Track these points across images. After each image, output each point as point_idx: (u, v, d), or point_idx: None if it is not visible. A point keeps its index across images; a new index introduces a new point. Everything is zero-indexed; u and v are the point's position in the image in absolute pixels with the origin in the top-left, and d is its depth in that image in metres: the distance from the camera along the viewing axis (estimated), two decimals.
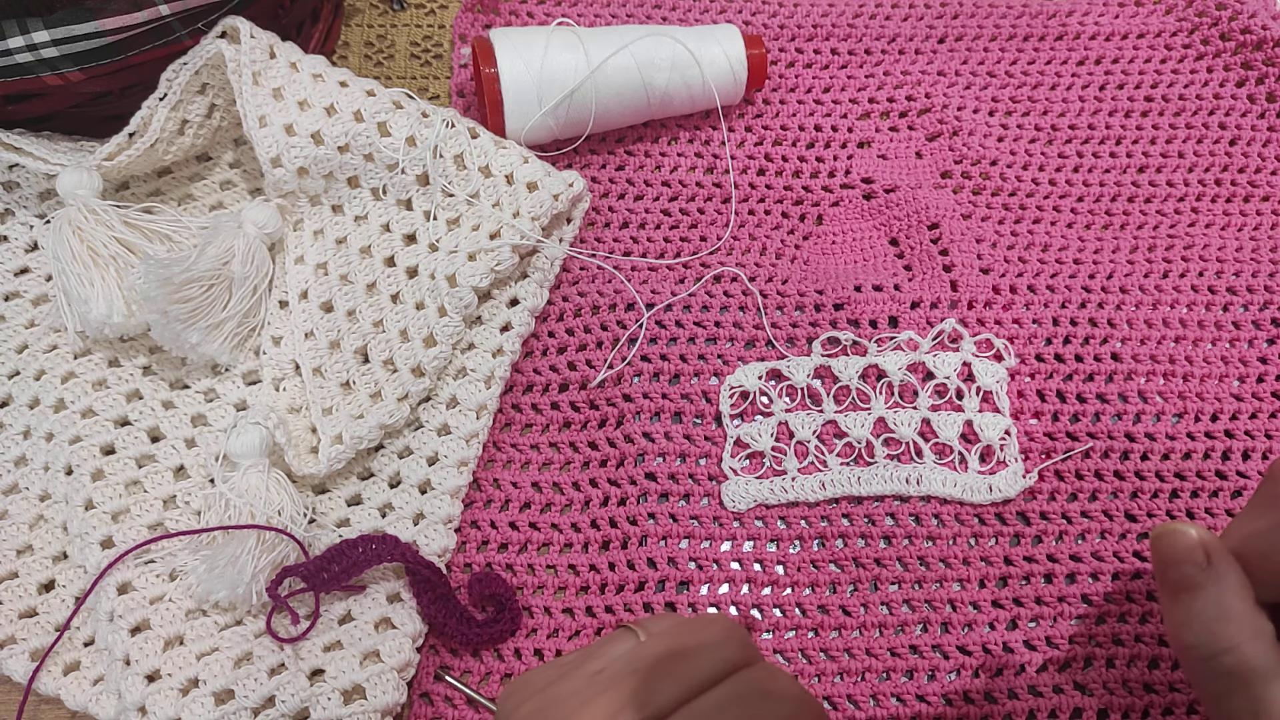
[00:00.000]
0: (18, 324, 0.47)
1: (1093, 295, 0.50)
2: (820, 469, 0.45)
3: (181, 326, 0.43)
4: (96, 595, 0.40)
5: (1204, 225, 0.53)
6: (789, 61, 0.57)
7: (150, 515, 0.42)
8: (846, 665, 0.41)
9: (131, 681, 0.38)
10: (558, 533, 0.44)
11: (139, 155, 0.46)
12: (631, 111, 0.52)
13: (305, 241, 0.48)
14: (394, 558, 0.40)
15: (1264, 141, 0.55)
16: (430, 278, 0.46)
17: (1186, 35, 0.58)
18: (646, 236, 0.52)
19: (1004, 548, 0.44)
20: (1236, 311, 0.50)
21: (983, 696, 0.41)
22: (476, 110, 0.54)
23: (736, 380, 0.47)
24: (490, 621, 0.41)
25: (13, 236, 0.49)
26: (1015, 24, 0.59)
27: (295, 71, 0.46)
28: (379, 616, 0.40)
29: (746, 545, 0.44)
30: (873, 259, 0.52)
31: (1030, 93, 0.56)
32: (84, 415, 0.44)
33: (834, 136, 0.55)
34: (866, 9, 0.59)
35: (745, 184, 0.53)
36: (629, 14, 0.58)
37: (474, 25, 0.58)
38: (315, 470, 0.43)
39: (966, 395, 0.46)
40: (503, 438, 0.46)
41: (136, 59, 0.44)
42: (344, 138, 0.46)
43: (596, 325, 0.48)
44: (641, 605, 0.42)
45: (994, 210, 0.53)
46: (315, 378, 0.45)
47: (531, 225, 0.46)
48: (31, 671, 0.40)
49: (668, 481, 0.45)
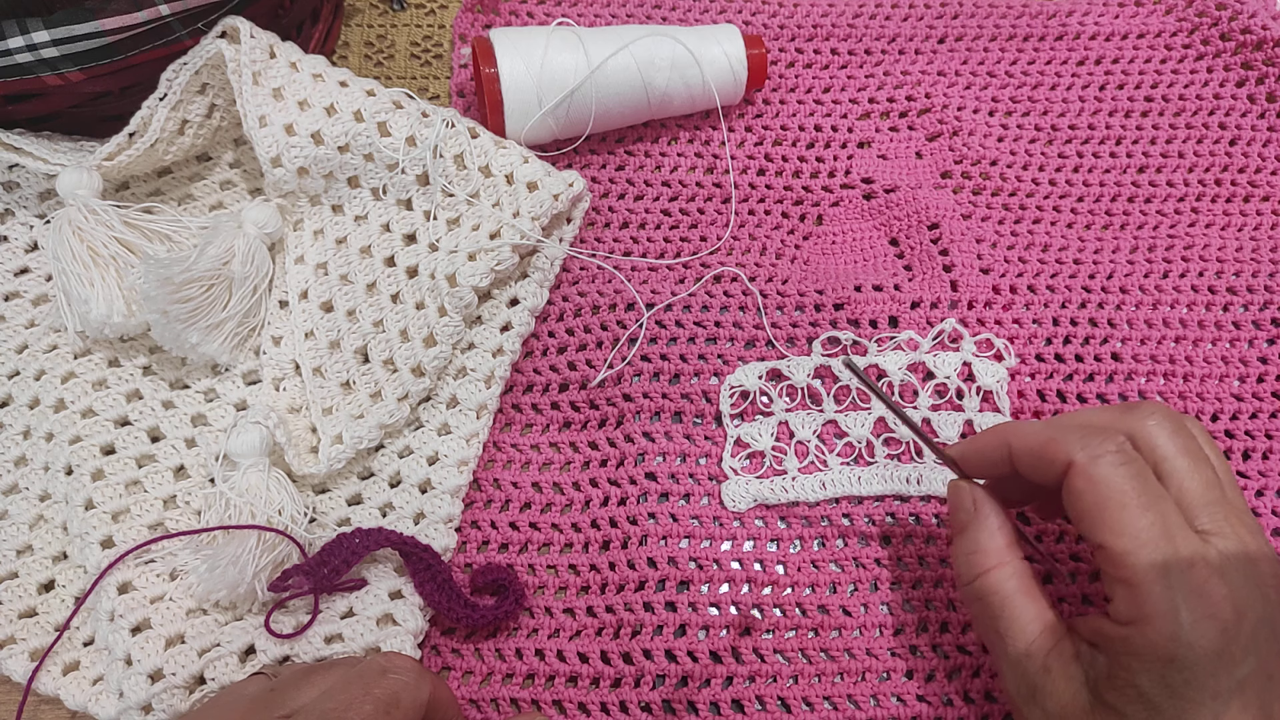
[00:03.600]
0: (18, 324, 0.47)
1: (1093, 295, 0.50)
2: (820, 469, 0.45)
3: (181, 326, 0.43)
4: (97, 595, 0.40)
5: (1204, 225, 0.53)
6: (789, 61, 0.57)
7: (150, 515, 0.42)
8: (846, 665, 0.41)
9: (134, 681, 0.38)
10: (558, 533, 0.44)
11: (139, 155, 0.46)
12: (631, 111, 0.52)
13: (305, 241, 0.48)
14: (389, 544, 0.40)
15: (1264, 141, 0.55)
16: (430, 277, 0.46)
17: (1186, 35, 0.58)
18: (646, 236, 0.52)
19: None
20: (1236, 311, 0.50)
21: (983, 696, 0.41)
22: (476, 110, 0.54)
23: (736, 380, 0.47)
24: (495, 604, 0.41)
25: (13, 236, 0.49)
26: (1015, 24, 0.59)
27: (295, 71, 0.46)
28: (381, 613, 0.40)
29: (746, 545, 0.44)
30: (873, 259, 0.52)
31: (1030, 93, 0.56)
32: (84, 415, 0.44)
33: (834, 136, 0.55)
34: (866, 9, 0.59)
35: (745, 184, 0.53)
36: (629, 14, 0.58)
37: (474, 25, 0.58)
38: (315, 470, 0.43)
39: (967, 395, 0.46)
40: (503, 438, 0.46)
41: (136, 59, 0.44)
42: (344, 138, 0.46)
43: (596, 325, 0.48)
44: (641, 605, 0.42)
45: (994, 210, 0.53)
46: (315, 377, 0.45)
47: (531, 225, 0.46)
48: (31, 671, 0.40)
49: (668, 481, 0.45)
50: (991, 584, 0.35)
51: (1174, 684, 0.30)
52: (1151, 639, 0.31)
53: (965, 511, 0.37)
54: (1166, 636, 0.30)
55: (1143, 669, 0.31)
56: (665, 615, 0.42)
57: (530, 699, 0.41)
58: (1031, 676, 0.34)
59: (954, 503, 0.38)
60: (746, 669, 0.41)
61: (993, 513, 0.36)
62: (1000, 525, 0.36)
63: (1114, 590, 0.32)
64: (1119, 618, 0.32)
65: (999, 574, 0.35)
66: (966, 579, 0.36)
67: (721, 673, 0.41)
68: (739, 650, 0.41)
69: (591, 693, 0.41)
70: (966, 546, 0.36)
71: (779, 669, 0.41)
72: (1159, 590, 0.31)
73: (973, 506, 0.37)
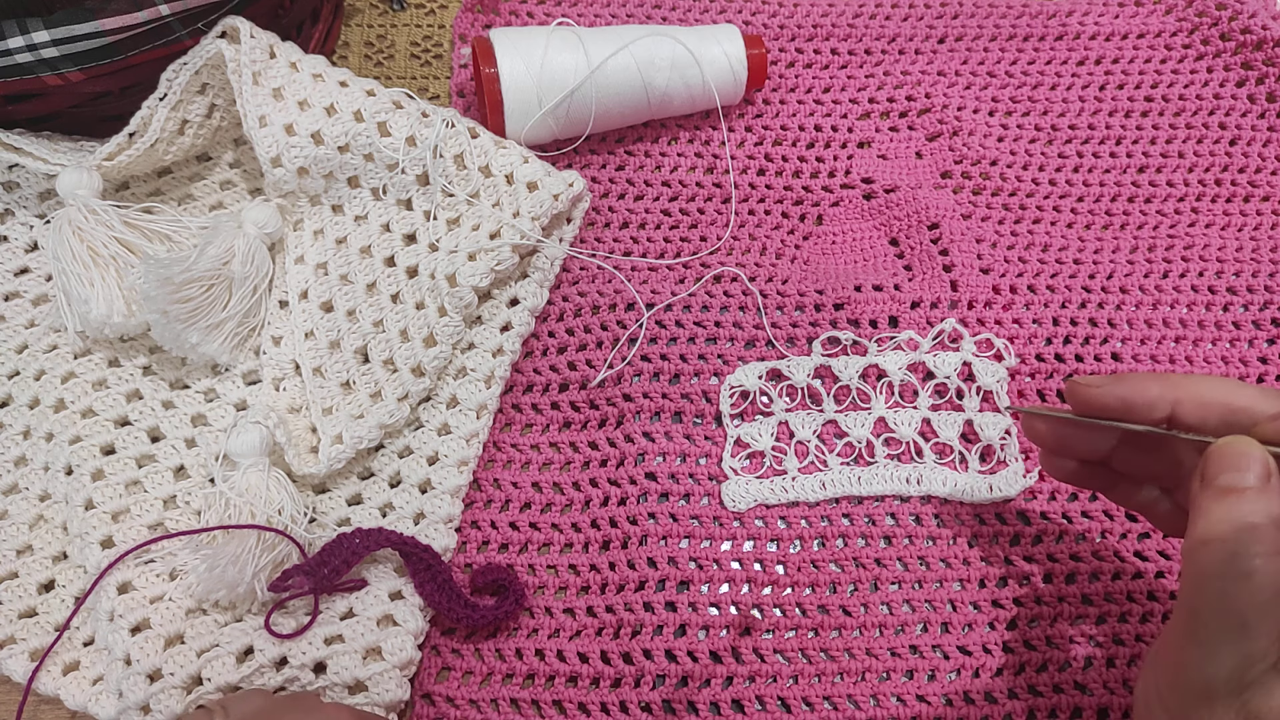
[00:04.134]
0: (18, 324, 0.47)
1: (1093, 295, 0.50)
2: (820, 469, 0.45)
3: (181, 326, 0.43)
4: (96, 595, 0.40)
5: (1204, 225, 0.53)
6: (789, 61, 0.57)
7: (150, 515, 0.42)
8: (846, 665, 0.41)
9: (133, 681, 0.38)
10: (558, 533, 0.44)
11: (139, 155, 0.46)
12: (631, 111, 0.52)
13: (305, 241, 0.48)
14: (389, 544, 0.40)
15: (1264, 141, 0.55)
16: (430, 277, 0.46)
17: (1186, 35, 0.58)
18: (646, 236, 0.52)
19: (1004, 548, 0.44)
20: (1236, 311, 0.50)
21: (983, 696, 0.41)
22: (476, 110, 0.54)
23: (736, 380, 0.47)
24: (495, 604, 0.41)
25: (13, 236, 0.49)
26: (1015, 24, 0.59)
27: (295, 71, 0.46)
28: (381, 613, 0.40)
29: (746, 545, 0.44)
30: (873, 259, 0.52)
31: (1030, 93, 0.56)
32: (84, 415, 0.44)
33: (834, 136, 0.55)
34: (866, 9, 0.59)
35: (745, 184, 0.53)
36: (629, 14, 0.58)
37: (474, 25, 0.58)
38: (315, 470, 0.43)
39: (967, 395, 0.46)
40: (503, 438, 0.46)
41: (136, 59, 0.44)
42: (344, 138, 0.46)
43: (596, 325, 0.48)
44: (641, 605, 0.42)
45: (994, 210, 0.53)
46: (315, 377, 0.45)
47: (531, 225, 0.46)
48: (31, 671, 0.40)
49: (668, 481, 0.45)
50: (1270, 568, 0.30)
51: None
52: None
53: (1257, 476, 0.31)
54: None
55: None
56: (665, 615, 0.42)
57: (530, 699, 0.41)
58: (1254, 677, 0.30)
59: (1236, 460, 0.31)
60: (746, 669, 0.41)
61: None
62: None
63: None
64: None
65: (1276, 561, 0.30)
66: (1241, 550, 0.30)
67: (721, 673, 0.41)
68: (739, 650, 0.41)
69: (591, 693, 0.41)
70: (1255, 515, 0.30)
71: (779, 669, 0.41)
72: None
73: (1266, 473, 0.31)
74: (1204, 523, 0.31)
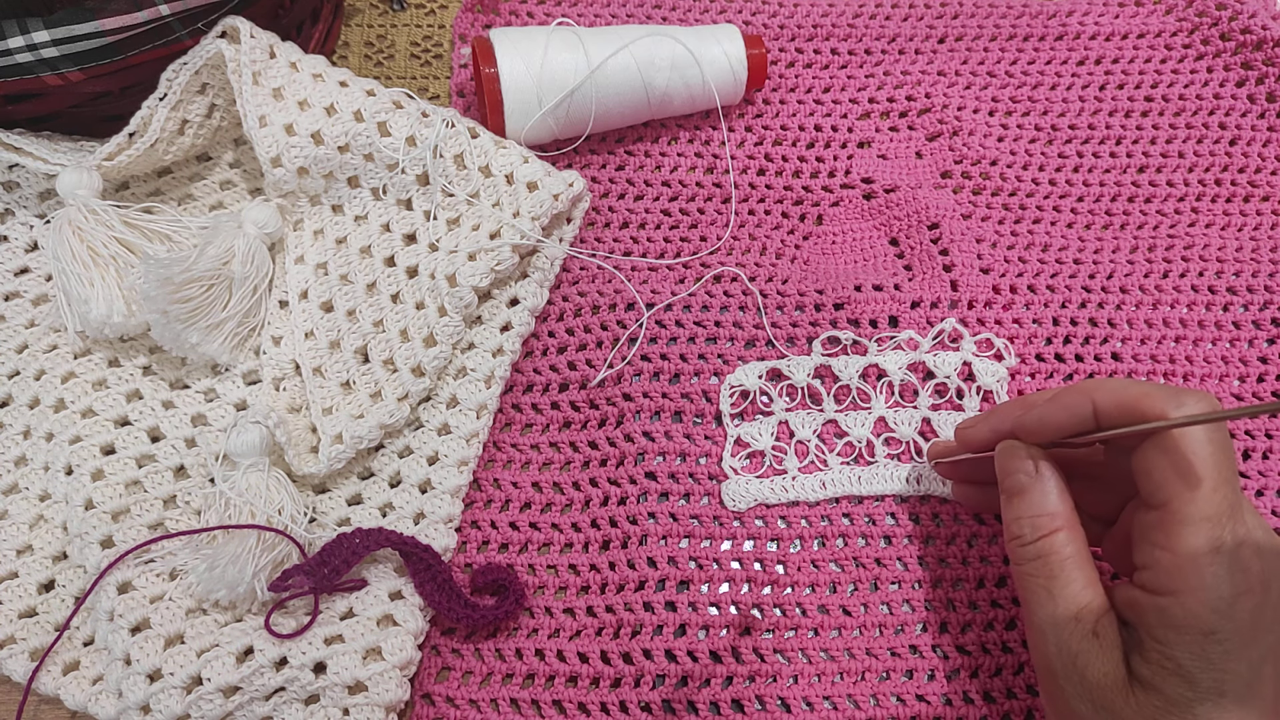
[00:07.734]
0: (18, 324, 0.47)
1: (1093, 295, 0.50)
2: (820, 468, 0.45)
3: (181, 326, 0.43)
4: (96, 595, 0.40)
5: (1204, 225, 0.53)
6: (789, 61, 0.57)
7: (150, 515, 0.42)
8: (846, 665, 0.41)
9: (133, 681, 0.38)
10: (558, 533, 0.44)
11: (139, 155, 0.46)
12: (631, 111, 0.52)
13: (305, 241, 0.48)
14: (389, 544, 0.40)
15: (1264, 141, 0.55)
16: (430, 277, 0.46)
17: (1186, 35, 0.58)
18: (646, 236, 0.52)
19: (1004, 548, 0.44)
20: (1236, 311, 0.50)
21: (982, 696, 0.41)
22: (476, 110, 0.54)
23: (736, 379, 0.47)
24: (495, 604, 0.41)
25: (13, 236, 0.49)
26: (1015, 24, 0.59)
27: (295, 71, 0.46)
28: (381, 613, 0.40)
29: (746, 545, 0.44)
30: (873, 259, 0.52)
31: (1030, 93, 0.56)
32: (84, 415, 0.44)
33: (834, 136, 0.55)
34: (866, 9, 0.59)
35: (745, 184, 0.53)
36: (629, 14, 0.58)
37: (474, 25, 0.58)
38: (315, 470, 0.43)
39: (967, 395, 0.46)
40: (503, 438, 0.46)
41: (136, 59, 0.44)
42: (344, 137, 0.46)
43: (596, 325, 0.48)
44: (641, 605, 0.42)
45: (994, 210, 0.53)
46: (315, 377, 0.45)
47: (531, 225, 0.46)
48: (31, 671, 0.40)
49: (668, 481, 0.45)
50: (1056, 545, 0.35)
51: (1212, 656, 0.30)
52: (1194, 610, 0.31)
53: (1026, 474, 0.36)
54: (1209, 609, 0.30)
55: (1180, 641, 0.31)
56: (665, 615, 0.42)
57: (530, 699, 0.41)
58: (1076, 642, 0.33)
59: (1010, 465, 0.37)
60: (746, 669, 0.41)
61: (1054, 474, 0.36)
62: (1063, 488, 0.36)
63: (1155, 558, 0.32)
64: (1155, 588, 0.32)
65: (1062, 536, 0.35)
66: (1028, 538, 0.36)
67: (721, 673, 0.41)
68: (739, 650, 0.41)
69: (591, 693, 0.41)
70: (1029, 508, 0.36)
71: (779, 669, 0.41)
72: (1209, 564, 0.31)
73: (1034, 469, 0.36)
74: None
